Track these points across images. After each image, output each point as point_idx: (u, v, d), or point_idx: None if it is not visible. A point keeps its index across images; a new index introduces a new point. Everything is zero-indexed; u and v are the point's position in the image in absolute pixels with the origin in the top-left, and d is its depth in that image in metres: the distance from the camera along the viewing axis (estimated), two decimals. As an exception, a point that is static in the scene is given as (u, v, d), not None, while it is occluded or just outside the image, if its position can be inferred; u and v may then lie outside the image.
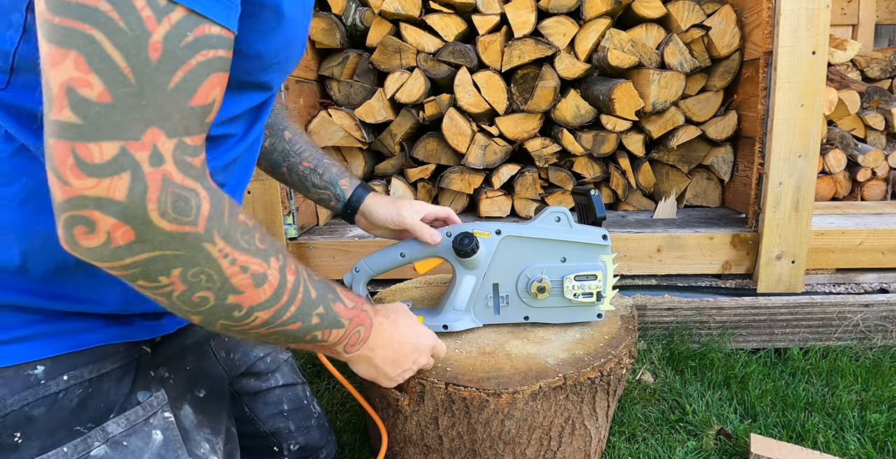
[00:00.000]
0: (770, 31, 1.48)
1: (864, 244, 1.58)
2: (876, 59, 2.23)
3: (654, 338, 1.53)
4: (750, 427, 1.22)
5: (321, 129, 1.80)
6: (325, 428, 1.01)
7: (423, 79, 1.75)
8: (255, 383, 0.93)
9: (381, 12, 1.74)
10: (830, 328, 1.52)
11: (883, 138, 2.12)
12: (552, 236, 0.98)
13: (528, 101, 1.75)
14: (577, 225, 0.99)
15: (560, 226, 0.98)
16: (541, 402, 0.90)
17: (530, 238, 0.98)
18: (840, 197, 2.09)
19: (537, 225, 0.98)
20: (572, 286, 0.98)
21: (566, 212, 0.98)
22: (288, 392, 0.96)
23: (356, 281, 1.02)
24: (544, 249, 0.98)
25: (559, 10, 1.69)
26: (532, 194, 1.80)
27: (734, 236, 1.56)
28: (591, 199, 1.03)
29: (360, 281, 1.02)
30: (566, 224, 0.98)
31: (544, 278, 0.98)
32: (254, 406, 0.93)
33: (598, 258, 0.99)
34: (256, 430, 0.93)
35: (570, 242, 0.98)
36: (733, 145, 1.85)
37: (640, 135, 1.82)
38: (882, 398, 1.30)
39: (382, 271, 1.01)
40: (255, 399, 0.93)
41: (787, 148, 1.46)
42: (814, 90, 1.43)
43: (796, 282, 1.54)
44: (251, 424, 0.93)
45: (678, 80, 1.70)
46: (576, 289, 0.99)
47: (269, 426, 0.94)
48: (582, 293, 0.99)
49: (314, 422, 0.98)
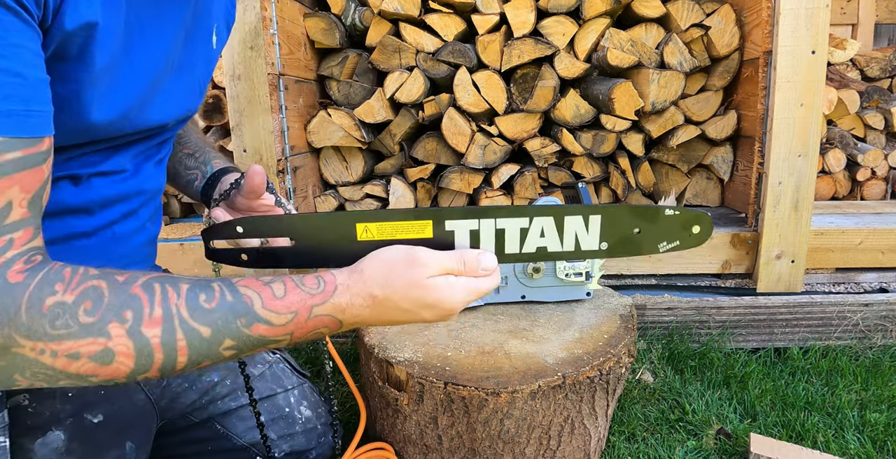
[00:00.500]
0: (769, 30, 1.48)
1: (863, 243, 1.58)
2: (875, 59, 2.23)
3: (653, 338, 1.53)
4: (750, 427, 1.22)
5: (320, 129, 1.80)
6: (315, 431, 1.00)
7: (423, 79, 1.75)
8: (222, 404, 0.92)
9: (381, 12, 1.74)
10: (830, 327, 1.52)
11: (882, 137, 2.12)
12: None
13: (527, 101, 1.75)
14: None
15: None
16: (540, 401, 0.90)
17: None
18: (840, 196, 2.09)
19: None
20: (563, 266, 1.14)
21: (557, 201, 1.07)
22: (266, 404, 0.95)
23: None
24: None
25: (558, 10, 1.69)
26: (532, 194, 1.80)
27: (734, 236, 1.56)
28: (579, 191, 1.15)
29: None
30: None
31: None
32: (227, 423, 0.93)
33: None
34: (234, 445, 0.93)
35: None
36: (733, 145, 1.85)
37: (639, 135, 1.82)
38: (882, 397, 1.30)
39: None
40: (227, 416, 0.93)
41: (786, 147, 1.46)
42: (813, 89, 1.43)
43: (796, 282, 1.54)
44: (227, 440, 0.93)
45: (678, 80, 1.70)
46: (567, 270, 1.13)
47: (248, 439, 0.94)
48: (573, 273, 1.14)
49: (299, 428, 0.98)
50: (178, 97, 0.72)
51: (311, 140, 1.80)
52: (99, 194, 0.68)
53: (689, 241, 0.66)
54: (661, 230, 0.65)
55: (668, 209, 0.65)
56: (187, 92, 0.73)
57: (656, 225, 0.65)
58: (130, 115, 0.64)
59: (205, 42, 0.75)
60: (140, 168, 0.72)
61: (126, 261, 0.73)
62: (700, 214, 0.66)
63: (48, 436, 0.68)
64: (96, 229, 0.69)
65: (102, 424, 0.73)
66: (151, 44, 0.63)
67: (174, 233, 1.76)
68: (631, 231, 0.65)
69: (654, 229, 0.65)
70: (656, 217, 0.65)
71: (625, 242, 0.65)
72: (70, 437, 0.69)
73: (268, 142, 1.53)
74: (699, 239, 0.66)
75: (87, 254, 0.68)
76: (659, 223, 0.65)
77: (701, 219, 0.66)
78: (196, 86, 0.76)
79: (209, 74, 0.80)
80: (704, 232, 0.66)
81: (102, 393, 0.73)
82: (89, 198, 0.67)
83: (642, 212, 0.65)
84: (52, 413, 0.69)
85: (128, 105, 0.63)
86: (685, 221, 0.65)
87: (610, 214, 0.64)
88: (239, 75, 1.49)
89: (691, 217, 0.65)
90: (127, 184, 0.71)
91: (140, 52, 0.62)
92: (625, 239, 0.65)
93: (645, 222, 0.65)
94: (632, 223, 0.65)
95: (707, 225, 0.66)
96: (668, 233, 0.66)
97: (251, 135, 1.53)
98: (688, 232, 0.66)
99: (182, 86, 0.72)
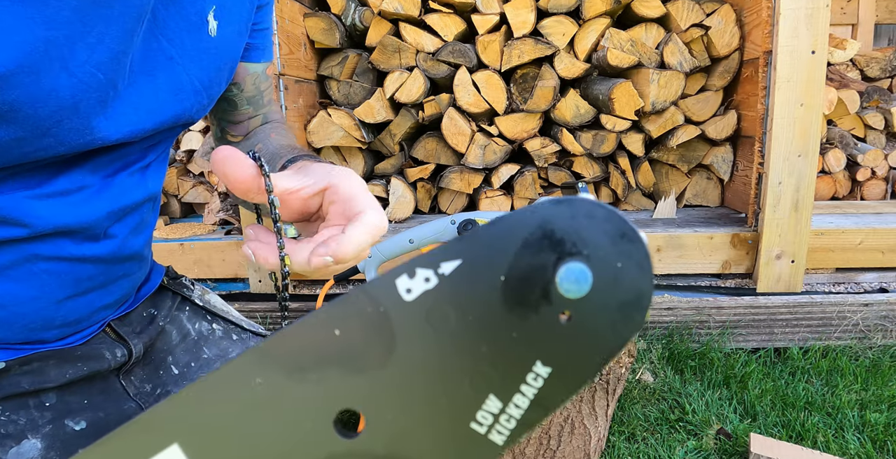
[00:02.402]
0: (769, 30, 1.48)
1: (863, 243, 1.58)
2: (875, 59, 2.23)
3: (653, 338, 1.53)
4: (750, 427, 1.22)
5: (320, 129, 1.80)
6: None
7: (423, 79, 1.75)
8: None
9: (381, 12, 1.74)
10: (830, 327, 1.52)
11: (882, 137, 2.12)
12: None
13: (527, 101, 1.75)
14: None
15: None
16: (540, 402, 0.90)
17: None
18: (840, 196, 2.09)
19: None
20: None
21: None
22: None
23: (368, 266, 1.11)
24: None
25: (558, 10, 1.69)
26: (532, 194, 1.80)
27: (734, 236, 1.56)
28: (579, 191, 1.16)
29: (372, 266, 1.11)
30: None
31: None
32: None
33: None
34: None
35: None
36: (733, 145, 1.85)
37: (639, 135, 1.82)
38: (882, 397, 1.30)
39: (393, 256, 1.10)
40: None
41: (786, 147, 1.46)
42: (813, 89, 1.43)
43: (796, 282, 1.54)
44: None
45: (678, 80, 1.70)
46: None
47: None
48: None
49: None
50: (144, 105, 0.55)
51: (311, 140, 1.80)
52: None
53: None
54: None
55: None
56: (166, 94, 0.57)
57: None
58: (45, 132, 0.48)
59: (193, 31, 0.58)
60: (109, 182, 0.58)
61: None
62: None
63: (23, 445, 0.62)
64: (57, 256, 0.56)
65: (84, 432, 0.67)
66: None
67: (174, 233, 1.76)
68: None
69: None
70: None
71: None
72: (48, 446, 0.64)
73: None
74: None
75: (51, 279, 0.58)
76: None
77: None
78: (184, 87, 0.59)
79: (213, 68, 0.62)
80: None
81: (86, 402, 0.68)
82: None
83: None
84: (30, 420, 0.63)
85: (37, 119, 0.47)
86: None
87: None
88: (239, 75, 1.49)
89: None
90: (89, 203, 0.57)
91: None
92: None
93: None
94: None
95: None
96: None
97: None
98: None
99: (152, 90, 0.55)
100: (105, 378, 0.69)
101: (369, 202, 0.46)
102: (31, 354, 0.60)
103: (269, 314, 1.60)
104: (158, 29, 0.54)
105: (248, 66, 0.73)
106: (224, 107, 0.75)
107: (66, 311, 0.58)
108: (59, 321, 0.59)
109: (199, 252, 1.65)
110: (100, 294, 0.61)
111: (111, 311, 0.65)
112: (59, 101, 0.46)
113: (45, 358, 0.61)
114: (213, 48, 0.62)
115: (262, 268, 1.64)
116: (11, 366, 0.59)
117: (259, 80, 0.75)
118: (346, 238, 0.43)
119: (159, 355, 0.73)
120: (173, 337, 0.74)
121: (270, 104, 0.80)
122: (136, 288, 0.69)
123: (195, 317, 0.77)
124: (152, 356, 0.72)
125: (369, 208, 0.45)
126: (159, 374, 0.74)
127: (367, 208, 0.45)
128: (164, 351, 0.74)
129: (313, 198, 0.48)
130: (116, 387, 0.70)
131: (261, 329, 0.83)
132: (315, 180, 0.47)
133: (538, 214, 0.22)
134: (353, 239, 0.43)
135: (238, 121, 0.77)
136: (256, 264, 0.60)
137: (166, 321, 0.74)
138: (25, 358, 0.59)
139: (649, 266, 0.23)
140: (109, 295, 0.62)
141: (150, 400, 0.74)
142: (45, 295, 0.56)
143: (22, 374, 0.60)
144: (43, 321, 0.58)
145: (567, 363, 0.24)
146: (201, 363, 0.75)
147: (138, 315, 0.70)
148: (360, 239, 0.44)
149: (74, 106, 0.47)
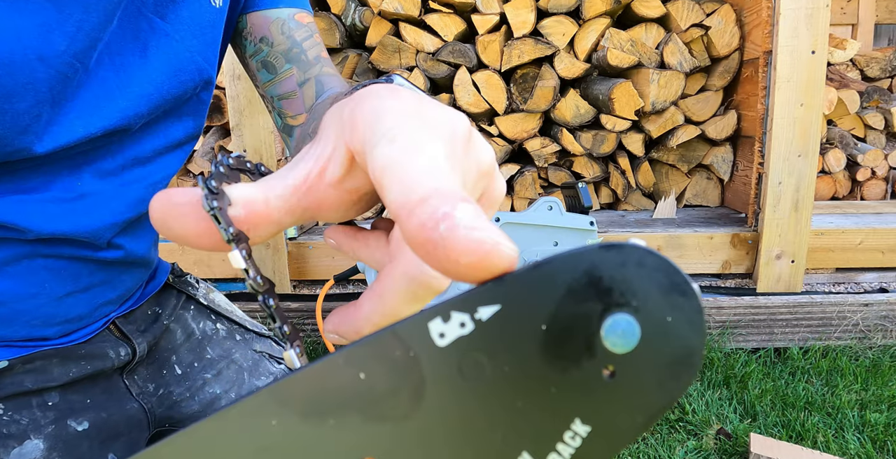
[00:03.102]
0: (769, 30, 1.48)
1: (863, 243, 1.57)
2: (875, 59, 2.22)
3: (653, 338, 1.54)
4: (750, 427, 1.22)
5: (321, 129, 1.80)
6: None
7: (423, 79, 1.75)
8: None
9: (381, 12, 1.74)
10: (830, 327, 1.52)
11: (882, 137, 2.12)
12: (545, 222, 1.11)
13: (527, 101, 1.75)
14: (567, 213, 1.13)
15: (552, 213, 1.12)
16: (540, 401, 0.90)
17: (526, 224, 1.10)
18: (840, 196, 2.09)
19: (532, 213, 1.11)
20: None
21: (557, 201, 1.11)
22: None
23: (368, 267, 1.11)
24: (538, 234, 1.11)
25: (558, 10, 1.69)
26: (531, 193, 1.80)
27: (734, 236, 1.56)
28: (579, 191, 1.18)
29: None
30: (557, 212, 1.12)
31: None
32: None
33: (587, 241, 1.09)
34: None
35: (562, 228, 1.12)
36: (733, 145, 1.85)
37: (639, 135, 1.82)
38: (882, 397, 1.30)
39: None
40: None
41: (786, 147, 1.46)
42: (813, 89, 1.43)
43: (796, 282, 1.53)
44: None
45: (678, 80, 1.70)
46: None
47: None
48: None
49: None
50: (133, 91, 0.50)
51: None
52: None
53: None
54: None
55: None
56: (162, 75, 0.52)
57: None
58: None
59: (190, 3, 0.52)
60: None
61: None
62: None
63: (25, 446, 0.61)
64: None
65: (87, 433, 0.66)
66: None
67: (174, 233, 1.76)
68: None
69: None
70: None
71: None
72: (50, 446, 0.63)
73: (268, 141, 1.53)
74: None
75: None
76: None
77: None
78: (184, 66, 0.53)
79: (211, 41, 0.55)
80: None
81: (89, 402, 0.67)
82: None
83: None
84: (32, 419, 0.62)
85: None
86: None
87: None
88: (239, 75, 1.49)
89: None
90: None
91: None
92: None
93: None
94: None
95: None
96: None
97: (251, 135, 1.53)
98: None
99: (143, 73, 0.50)
100: (108, 377, 0.68)
101: (414, 182, 0.19)
102: (35, 352, 0.59)
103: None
104: (146, 6, 0.49)
105: (266, 13, 0.61)
106: (265, 79, 0.62)
107: (67, 308, 0.58)
108: (61, 317, 0.58)
109: (199, 252, 1.65)
110: (102, 290, 0.60)
111: (114, 307, 0.64)
112: (36, 95, 0.42)
113: (49, 357, 0.61)
114: (219, 20, 0.55)
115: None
116: (14, 365, 0.59)
117: (287, 28, 0.61)
118: (358, 311, 0.25)
119: (163, 354, 0.72)
120: (178, 337, 0.74)
121: (321, 63, 0.61)
122: (139, 285, 0.68)
123: (200, 316, 0.77)
124: (156, 355, 0.72)
125: (413, 206, 0.19)
126: (162, 374, 0.74)
127: (408, 210, 0.19)
128: (168, 351, 0.73)
129: (337, 188, 0.24)
130: (119, 386, 0.69)
131: (264, 329, 0.82)
132: (310, 167, 0.23)
133: (585, 259, 0.20)
134: (365, 315, 0.25)
135: (288, 94, 0.61)
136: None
137: (171, 320, 0.73)
138: (28, 357, 0.59)
139: (701, 322, 0.21)
140: (112, 290, 0.62)
141: (153, 400, 0.74)
142: (44, 291, 0.55)
143: (25, 373, 0.60)
144: (44, 318, 0.57)
145: (608, 422, 0.22)
146: (204, 363, 0.75)
147: (143, 313, 0.70)
148: (382, 311, 0.25)
149: (53, 99, 0.44)
